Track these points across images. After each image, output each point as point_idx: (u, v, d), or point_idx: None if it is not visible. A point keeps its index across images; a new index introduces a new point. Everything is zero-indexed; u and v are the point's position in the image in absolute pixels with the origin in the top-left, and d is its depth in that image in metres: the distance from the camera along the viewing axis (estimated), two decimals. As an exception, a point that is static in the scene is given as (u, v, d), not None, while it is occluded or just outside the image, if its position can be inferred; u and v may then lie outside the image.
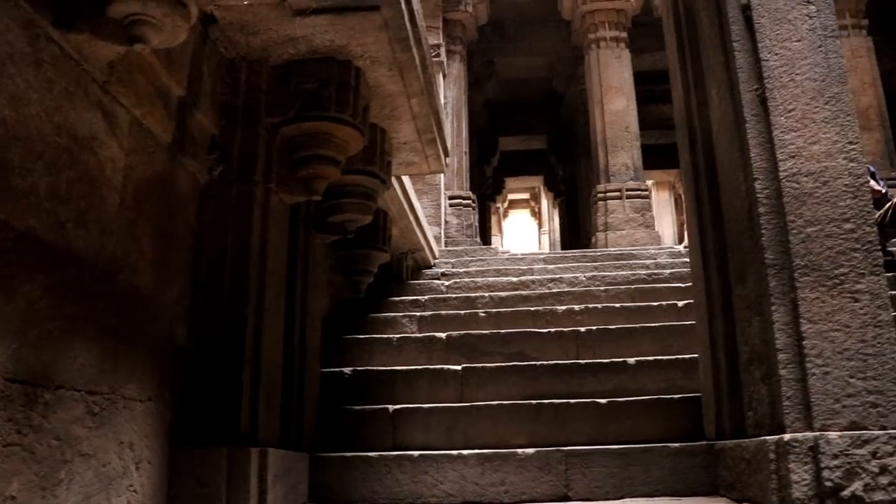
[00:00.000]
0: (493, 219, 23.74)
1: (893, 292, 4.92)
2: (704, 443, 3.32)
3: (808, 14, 3.01)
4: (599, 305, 5.37)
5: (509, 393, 4.10)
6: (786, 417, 2.59)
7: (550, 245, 19.86)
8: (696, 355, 3.77)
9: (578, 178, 13.00)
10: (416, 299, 5.99)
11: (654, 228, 9.16)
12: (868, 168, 5.76)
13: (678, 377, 4.04)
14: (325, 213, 4.00)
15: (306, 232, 3.92)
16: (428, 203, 8.57)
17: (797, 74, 2.93)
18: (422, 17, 3.51)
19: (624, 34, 10.08)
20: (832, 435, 2.46)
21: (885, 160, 9.06)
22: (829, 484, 2.40)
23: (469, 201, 9.28)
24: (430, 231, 6.91)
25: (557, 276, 6.32)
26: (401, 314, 5.58)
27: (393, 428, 3.90)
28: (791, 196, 2.78)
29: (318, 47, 3.20)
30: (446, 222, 8.88)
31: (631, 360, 4.17)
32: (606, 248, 8.44)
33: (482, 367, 4.34)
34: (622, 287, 5.86)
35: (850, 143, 2.85)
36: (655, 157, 14.60)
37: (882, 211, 5.63)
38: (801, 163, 2.81)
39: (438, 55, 9.15)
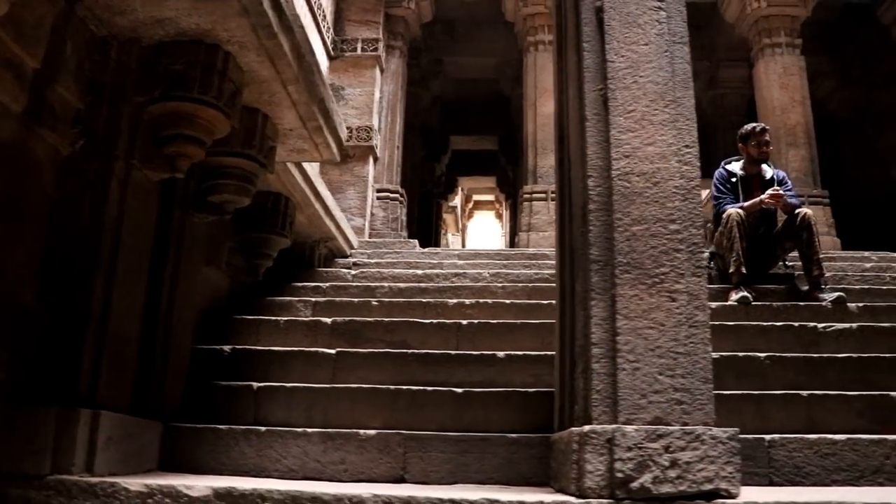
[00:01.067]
0: (450, 217, 23.85)
1: (791, 303, 5.20)
2: (540, 435, 3.37)
3: (658, 19, 3.06)
4: (491, 301, 5.43)
5: (379, 378, 4.13)
6: (593, 410, 2.64)
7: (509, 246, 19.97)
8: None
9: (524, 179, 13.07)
10: (318, 286, 6.02)
11: (579, 231, 9.18)
12: (782, 177, 5.90)
13: (545, 372, 4.07)
14: (205, 193, 4.03)
15: (183, 210, 3.94)
16: (354, 194, 8.63)
17: (641, 77, 2.97)
18: (294, 5, 3.55)
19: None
20: (629, 428, 2.51)
21: (808, 177, 9.23)
22: (620, 475, 2.45)
23: (397, 195, 9.31)
24: (345, 221, 6.95)
25: (463, 271, 6.36)
26: (297, 299, 5.61)
27: (255, 405, 3.94)
28: (621, 194, 2.83)
29: (185, 30, 3.32)
30: (372, 214, 8.91)
31: (500, 354, 4.22)
32: (528, 248, 8.51)
33: (356, 352, 4.39)
34: (520, 285, 5.92)
35: (687, 146, 2.90)
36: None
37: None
38: (635, 163, 2.86)
39: (376, 49, 9.22)
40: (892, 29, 10.16)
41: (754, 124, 6.12)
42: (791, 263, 5.95)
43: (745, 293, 5.25)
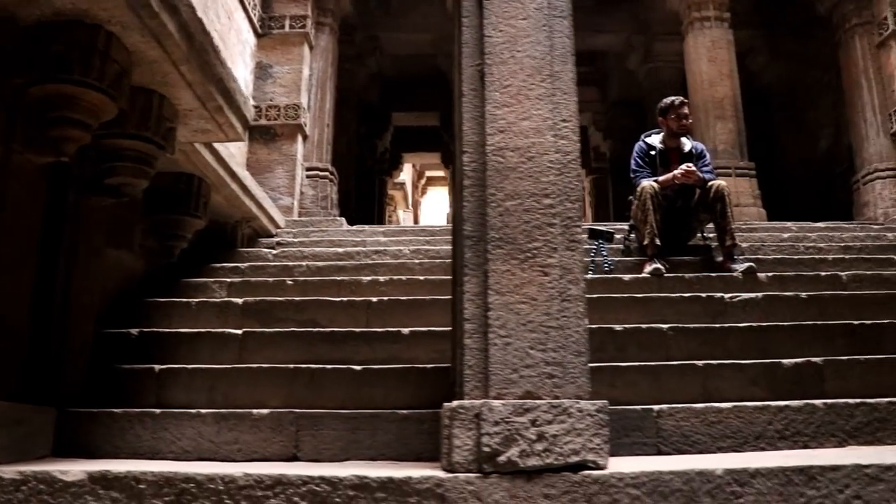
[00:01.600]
0: (399, 194, 23.77)
1: (703, 274, 5.26)
2: (432, 410, 3.37)
3: (537, -8, 3.05)
4: (406, 277, 5.43)
5: (284, 358, 4.12)
6: (465, 385, 2.65)
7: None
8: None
9: (464, 155, 13.04)
10: (237, 266, 5.97)
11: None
12: (700, 149, 5.95)
13: (450, 348, 4.08)
14: (102, 175, 3.99)
15: (79, 194, 3.89)
16: (282, 173, 8.55)
17: (518, 52, 2.96)
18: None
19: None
20: (496, 403, 2.52)
21: (735, 150, 9.29)
22: (487, 449, 2.46)
23: (327, 173, 9.22)
24: (269, 201, 6.91)
25: (384, 248, 6.34)
26: (213, 280, 5.56)
27: (157, 387, 3.91)
28: (494, 170, 2.82)
29: (62, 10, 3.28)
30: (301, 193, 8.84)
31: (405, 331, 4.23)
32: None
33: (262, 332, 4.38)
34: (438, 261, 5.92)
35: (564, 120, 2.90)
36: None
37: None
38: (510, 138, 2.85)
39: (304, 26, 9.09)
40: (816, 5, 10.25)
41: (673, 97, 6.16)
42: (709, 235, 6.01)
43: (658, 265, 5.30)
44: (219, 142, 4.80)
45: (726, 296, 4.75)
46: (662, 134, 6.15)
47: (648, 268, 5.31)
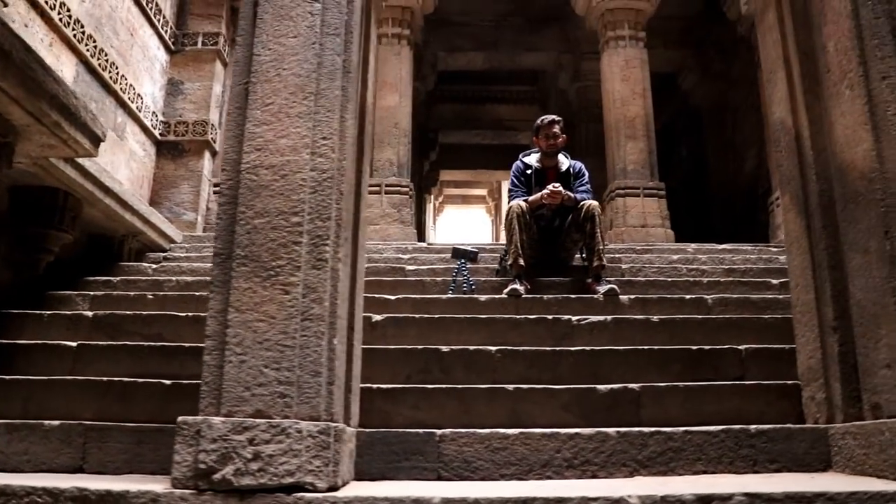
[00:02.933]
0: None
1: (563, 296, 5.23)
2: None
3: (311, 11, 3.06)
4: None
5: (116, 371, 4.10)
6: (201, 402, 2.64)
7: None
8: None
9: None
10: (110, 279, 5.96)
11: (410, 225, 9.22)
12: (578, 168, 5.96)
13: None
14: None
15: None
16: (188, 189, 8.55)
17: (284, 69, 2.97)
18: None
19: (407, 31, 10.12)
20: (215, 420, 2.52)
21: (645, 169, 9.33)
22: (203, 466, 2.45)
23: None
24: (157, 216, 6.92)
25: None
26: (78, 293, 5.54)
27: (-25, 399, 3.87)
28: (247, 188, 2.82)
29: None
30: (208, 209, 8.83)
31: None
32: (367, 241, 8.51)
33: (97, 344, 4.38)
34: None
35: (325, 137, 2.91)
36: (491, 156, 14.85)
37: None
38: (266, 156, 2.86)
39: (216, 43, 9.11)
40: (737, 25, 10.33)
41: (545, 116, 6.19)
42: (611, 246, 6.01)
43: (517, 286, 5.30)
44: (68, 157, 4.80)
45: (573, 318, 4.72)
46: (540, 153, 6.15)
47: (507, 288, 5.29)
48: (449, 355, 4.16)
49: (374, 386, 3.70)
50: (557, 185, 5.74)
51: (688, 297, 5.36)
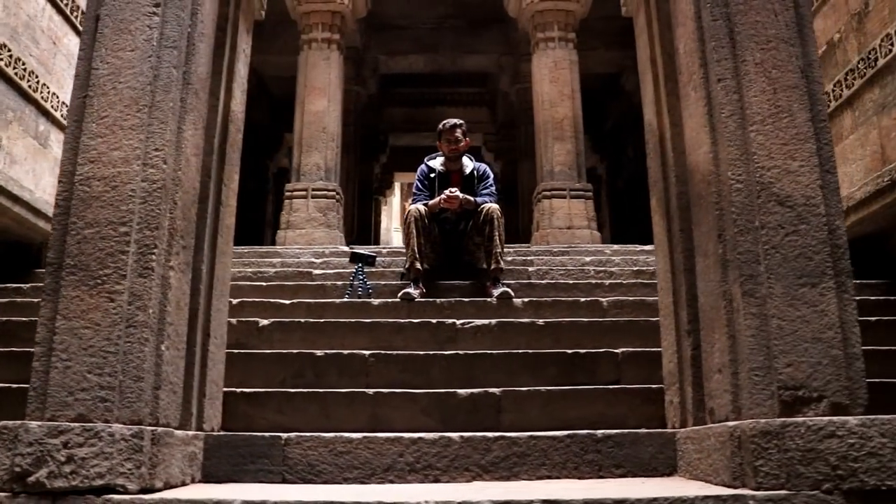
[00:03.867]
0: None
1: (456, 300, 5.31)
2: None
3: (150, 25, 3.13)
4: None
5: (7, 376, 4.19)
6: (28, 407, 2.72)
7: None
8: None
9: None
10: (20, 287, 6.08)
11: (337, 229, 9.29)
12: (483, 171, 6.04)
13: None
14: None
15: None
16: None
17: (121, 83, 3.04)
18: None
19: (337, 36, 10.17)
20: (32, 424, 2.60)
21: (573, 171, 9.40)
22: (18, 469, 2.53)
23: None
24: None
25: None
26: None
27: None
28: (80, 199, 2.90)
29: None
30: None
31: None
32: (285, 245, 8.60)
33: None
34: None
35: (157, 149, 2.98)
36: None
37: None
38: (99, 168, 2.93)
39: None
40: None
41: (447, 121, 6.27)
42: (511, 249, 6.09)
43: (410, 290, 5.39)
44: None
45: (458, 322, 4.80)
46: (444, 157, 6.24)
47: (401, 292, 5.38)
48: (323, 360, 4.24)
49: (239, 390, 3.78)
50: (455, 189, 5.84)
51: (583, 299, 5.44)
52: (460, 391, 3.81)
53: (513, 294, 5.38)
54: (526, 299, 5.42)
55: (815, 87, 3.16)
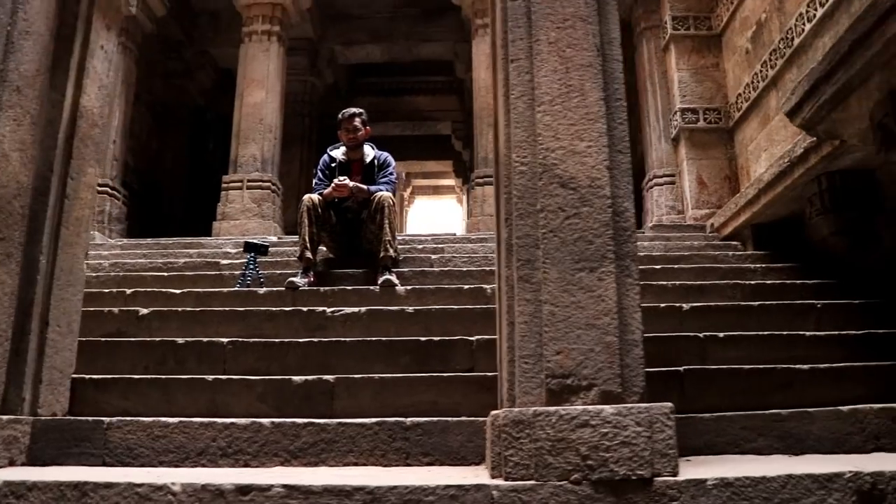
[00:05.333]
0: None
1: (339, 288, 5.30)
2: None
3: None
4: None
5: None
6: None
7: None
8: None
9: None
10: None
11: (272, 220, 9.24)
12: (384, 159, 5.98)
13: None
14: None
15: None
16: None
17: None
18: None
19: (277, 28, 10.11)
20: None
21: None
22: None
23: (106, 188, 9.27)
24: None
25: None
26: None
27: None
28: None
29: None
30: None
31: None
32: (219, 236, 8.55)
33: None
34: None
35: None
36: (411, 146, 14.85)
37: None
38: None
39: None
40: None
41: (346, 110, 6.24)
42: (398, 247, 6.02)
43: (296, 279, 5.35)
44: None
45: (328, 310, 4.75)
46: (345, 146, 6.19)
47: (287, 281, 5.34)
48: (184, 347, 4.25)
49: (87, 377, 3.80)
50: (344, 178, 5.78)
51: (467, 287, 5.35)
52: (295, 378, 3.78)
53: (396, 282, 5.32)
54: (410, 287, 5.35)
55: (613, 66, 3.08)
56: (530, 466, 2.51)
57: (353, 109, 6.19)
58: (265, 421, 3.30)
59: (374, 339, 4.33)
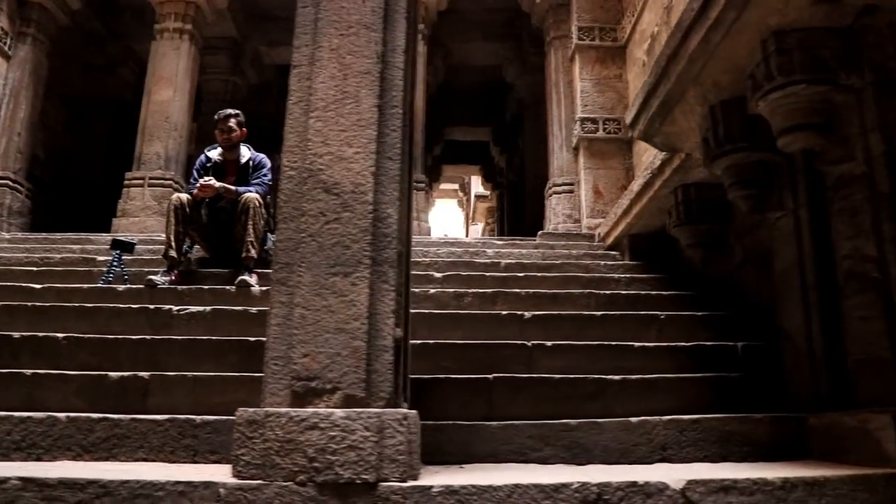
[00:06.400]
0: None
1: (196, 287, 5.32)
2: None
3: None
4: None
5: None
6: None
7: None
8: None
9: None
10: None
11: (171, 217, 9.24)
12: (258, 160, 6.00)
13: None
14: None
15: None
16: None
17: None
18: None
19: (189, 26, 10.09)
20: None
21: (417, 161, 9.33)
22: None
23: (7, 182, 9.23)
24: None
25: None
26: None
27: None
28: None
29: None
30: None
31: None
32: (118, 233, 8.50)
33: None
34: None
35: None
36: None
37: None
38: None
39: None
40: (532, 17, 10.43)
41: (221, 111, 6.24)
42: (267, 247, 6.03)
43: (155, 277, 5.38)
44: None
45: (174, 308, 4.77)
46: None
47: (147, 278, 5.36)
48: (19, 342, 4.24)
49: None
50: (210, 178, 5.80)
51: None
52: (111, 374, 3.82)
53: (253, 282, 5.37)
54: (265, 288, 5.35)
55: (393, 73, 3.13)
56: (261, 466, 2.55)
57: (230, 111, 6.20)
58: (60, 415, 3.32)
59: (206, 337, 4.36)
